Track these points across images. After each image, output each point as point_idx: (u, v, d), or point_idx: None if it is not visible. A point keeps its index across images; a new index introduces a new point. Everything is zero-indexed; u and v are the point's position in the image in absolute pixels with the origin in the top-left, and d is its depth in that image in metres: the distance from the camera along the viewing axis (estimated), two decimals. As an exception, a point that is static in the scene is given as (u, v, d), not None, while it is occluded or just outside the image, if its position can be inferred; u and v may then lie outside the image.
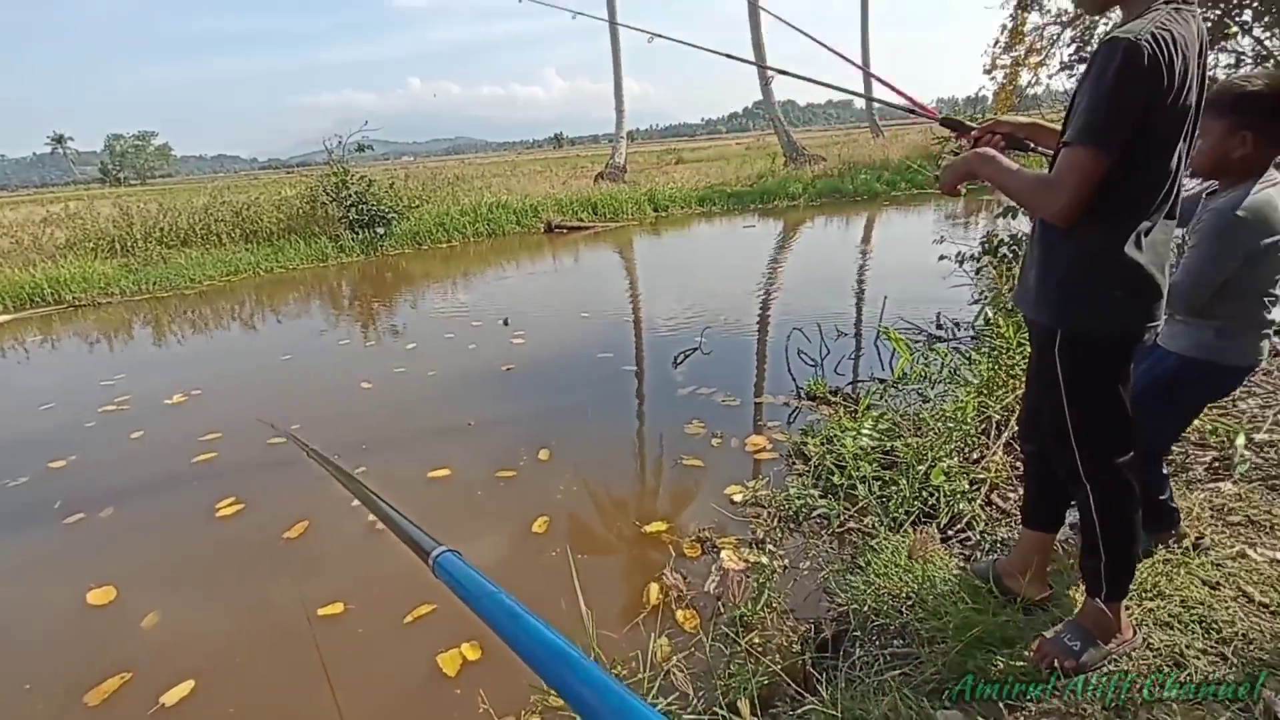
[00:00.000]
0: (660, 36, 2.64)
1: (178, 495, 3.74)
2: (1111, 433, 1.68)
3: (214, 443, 4.42)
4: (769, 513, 2.89)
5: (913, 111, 2.17)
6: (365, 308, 8.61)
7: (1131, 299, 1.54)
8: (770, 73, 21.69)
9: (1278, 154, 1.80)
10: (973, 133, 1.88)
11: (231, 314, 8.84)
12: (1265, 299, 1.86)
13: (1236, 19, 5.81)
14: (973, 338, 4.95)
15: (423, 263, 11.84)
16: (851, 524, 2.60)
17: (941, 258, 5.32)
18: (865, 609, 2.13)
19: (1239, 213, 1.77)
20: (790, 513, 2.82)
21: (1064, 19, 11.87)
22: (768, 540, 2.72)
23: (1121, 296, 1.53)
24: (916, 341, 5.04)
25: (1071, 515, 2.18)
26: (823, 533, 2.68)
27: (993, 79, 13.57)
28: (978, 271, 5.15)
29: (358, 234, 13.01)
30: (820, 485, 2.81)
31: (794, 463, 3.35)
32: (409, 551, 0.79)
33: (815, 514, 2.59)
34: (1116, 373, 1.64)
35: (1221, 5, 5.81)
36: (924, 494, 2.57)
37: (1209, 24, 5.82)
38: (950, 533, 2.53)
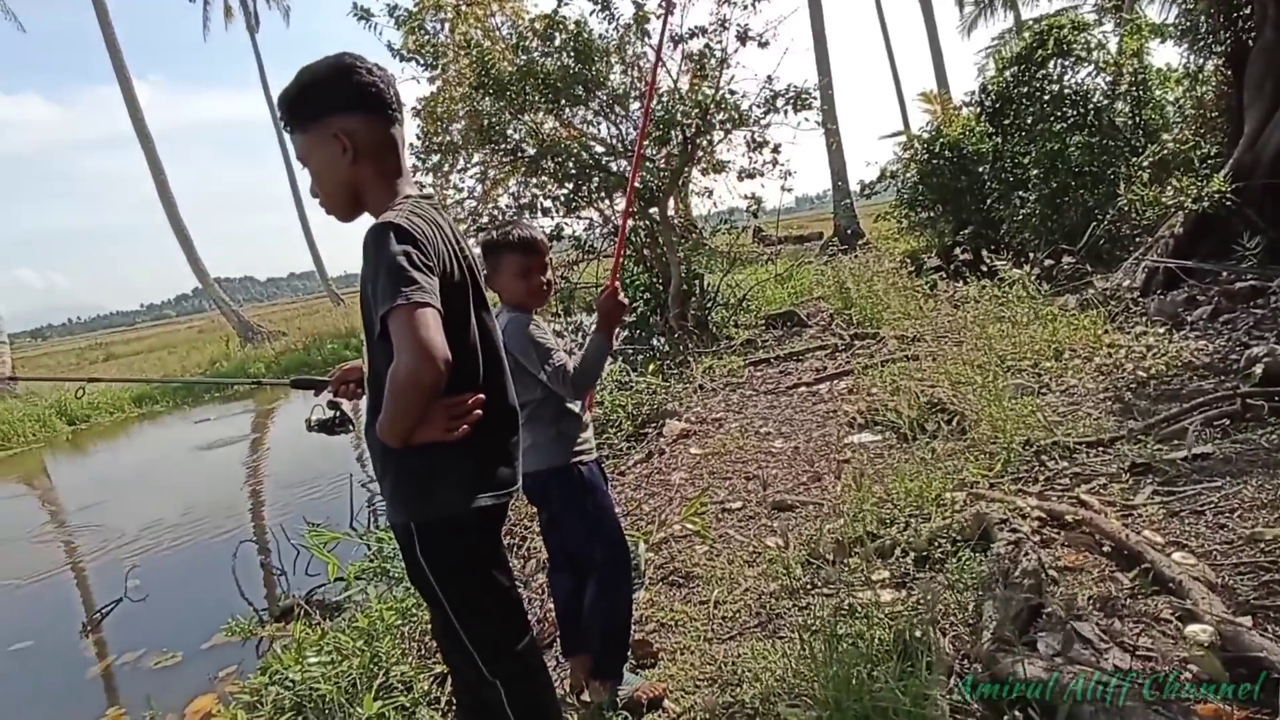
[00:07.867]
0: None
1: None
2: (503, 620, 1.51)
3: None
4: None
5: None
6: None
7: (480, 469, 1.44)
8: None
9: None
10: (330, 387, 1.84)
11: None
12: None
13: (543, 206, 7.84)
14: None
15: None
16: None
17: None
18: None
19: None
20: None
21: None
22: None
23: (472, 466, 1.42)
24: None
25: None
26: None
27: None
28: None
29: None
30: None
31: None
32: None
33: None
34: (492, 552, 1.52)
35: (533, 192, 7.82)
36: None
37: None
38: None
